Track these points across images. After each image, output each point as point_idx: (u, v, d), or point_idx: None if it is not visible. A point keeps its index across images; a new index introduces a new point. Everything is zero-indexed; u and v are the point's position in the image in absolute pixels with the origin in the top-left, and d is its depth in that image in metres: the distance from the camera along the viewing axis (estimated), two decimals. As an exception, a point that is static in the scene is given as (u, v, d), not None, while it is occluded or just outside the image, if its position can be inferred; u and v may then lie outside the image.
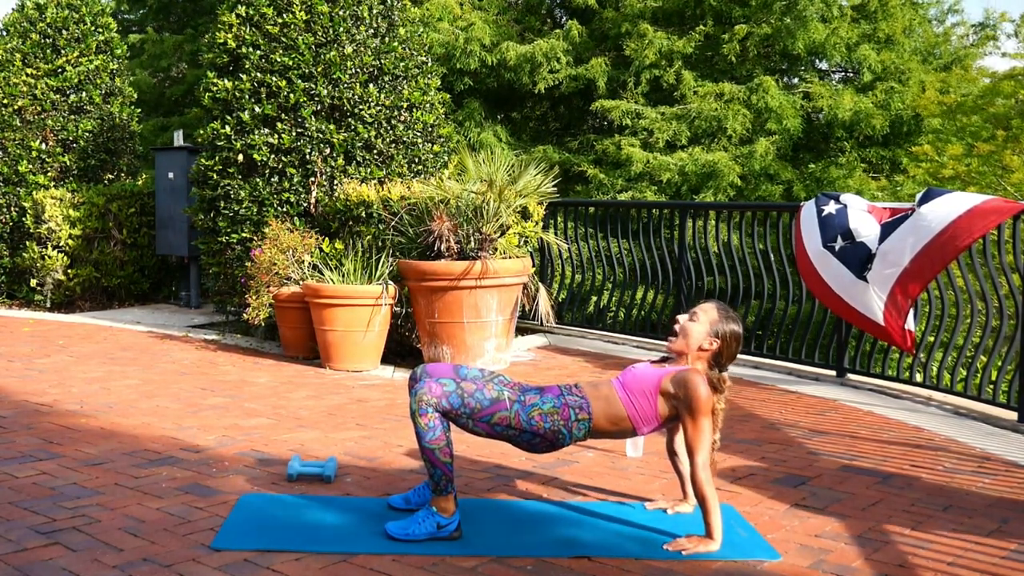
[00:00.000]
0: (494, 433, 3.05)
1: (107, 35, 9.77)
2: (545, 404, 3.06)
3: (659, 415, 3.09)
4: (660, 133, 12.28)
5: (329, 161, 6.91)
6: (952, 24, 15.23)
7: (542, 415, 3.04)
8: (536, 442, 3.07)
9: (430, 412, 2.97)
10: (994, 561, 2.95)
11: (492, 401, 3.03)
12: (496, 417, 3.02)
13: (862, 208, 5.19)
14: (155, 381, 5.61)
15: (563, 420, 3.05)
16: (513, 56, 12.63)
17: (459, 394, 3.01)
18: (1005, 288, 5.20)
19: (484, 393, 3.03)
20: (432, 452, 2.97)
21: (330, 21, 6.96)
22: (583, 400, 3.10)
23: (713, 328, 3.13)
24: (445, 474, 3.00)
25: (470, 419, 3.02)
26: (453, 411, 3.00)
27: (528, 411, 3.04)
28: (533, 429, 3.03)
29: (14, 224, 9.23)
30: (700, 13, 13.04)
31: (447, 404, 2.99)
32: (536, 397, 3.09)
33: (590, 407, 3.09)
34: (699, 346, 3.14)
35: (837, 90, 12.87)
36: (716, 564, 2.89)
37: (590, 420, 3.08)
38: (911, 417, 4.96)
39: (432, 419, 2.97)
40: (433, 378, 3.05)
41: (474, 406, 3.01)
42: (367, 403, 5.14)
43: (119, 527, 3.12)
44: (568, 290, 8.03)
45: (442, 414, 2.99)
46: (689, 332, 3.15)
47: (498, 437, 3.07)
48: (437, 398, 2.98)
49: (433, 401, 2.97)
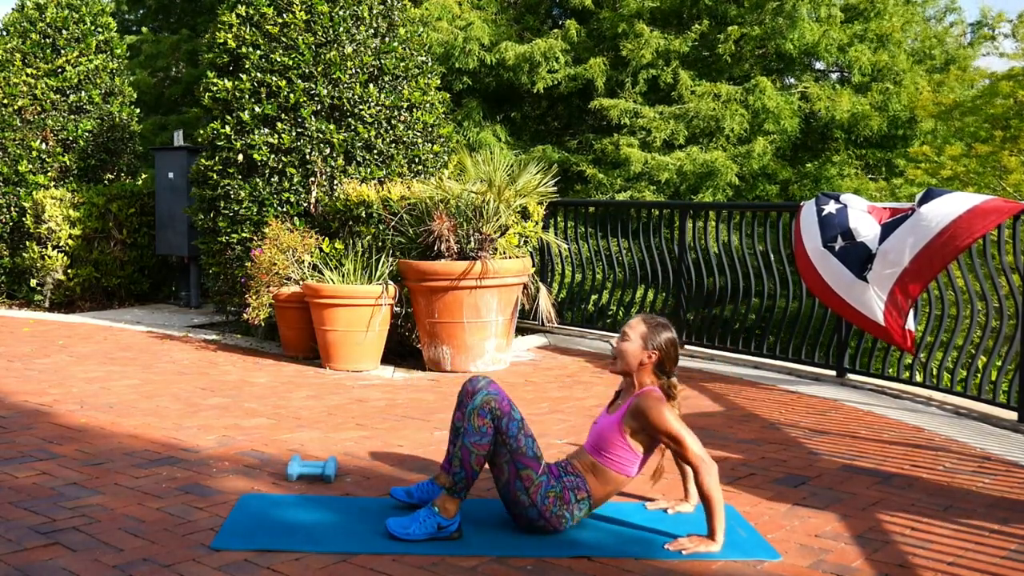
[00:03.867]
0: (510, 486, 3.04)
1: (107, 35, 9.77)
2: (552, 488, 3.07)
3: (637, 452, 3.13)
4: (658, 132, 12.29)
5: (329, 161, 6.91)
6: (949, 24, 15.25)
7: (555, 499, 3.06)
8: (540, 524, 3.07)
9: (488, 418, 2.99)
10: (994, 561, 2.95)
11: (535, 457, 3.05)
12: (526, 472, 3.03)
13: (862, 208, 5.19)
14: (155, 381, 5.61)
15: (565, 504, 3.07)
16: (512, 56, 12.64)
17: (519, 427, 3.03)
18: (1005, 288, 5.20)
19: (533, 446, 3.06)
20: (470, 454, 2.98)
21: (330, 21, 6.96)
22: (579, 479, 3.12)
23: (646, 342, 3.16)
24: (468, 479, 3.01)
25: (509, 454, 3.03)
26: (503, 435, 3.01)
27: (547, 489, 3.05)
28: (543, 508, 3.04)
29: (14, 224, 9.23)
30: (696, 13, 13.06)
31: (505, 425, 3.01)
32: (544, 480, 3.09)
33: (587, 484, 3.12)
34: (639, 362, 3.16)
35: (836, 91, 12.89)
36: (716, 564, 2.89)
37: (589, 497, 3.12)
38: (911, 417, 4.96)
39: (487, 424, 2.99)
40: (506, 398, 3.07)
41: (521, 447, 3.03)
42: (367, 403, 5.14)
43: (119, 527, 3.12)
44: (568, 290, 8.03)
45: (495, 430, 3.01)
46: (625, 352, 3.18)
47: (508, 492, 3.06)
48: (503, 413, 3.00)
49: (498, 412, 3.00)
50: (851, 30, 13.06)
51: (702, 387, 5.60)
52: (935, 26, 15.06)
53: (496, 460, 3.06)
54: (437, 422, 4.67)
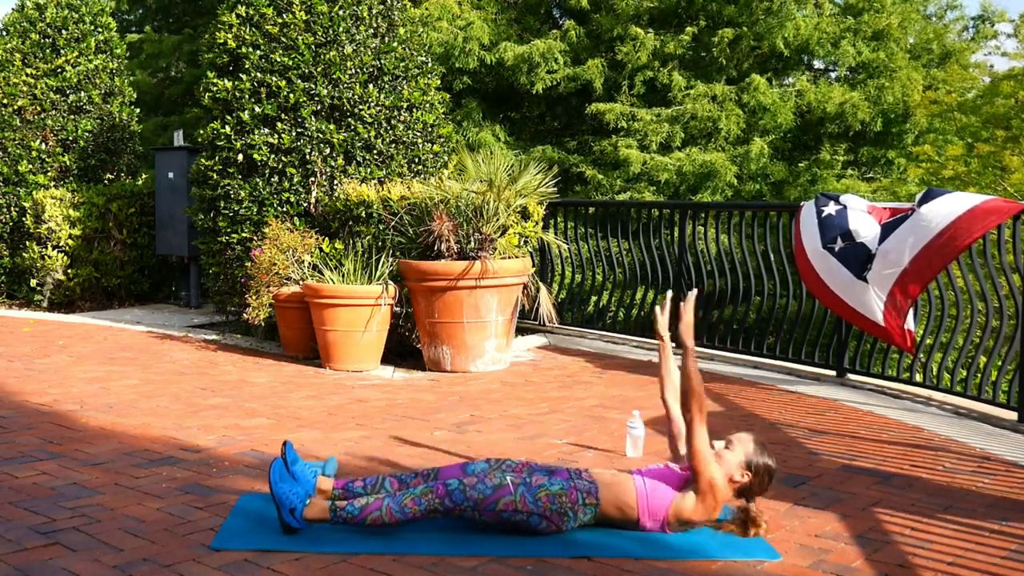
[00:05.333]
0: (502, 520, 3.04)
1: (107, 35, 9.77)
2: (553, 486, 3.05)
3: (661, 522, 3.08)
4: (654, 135, 12.30)
5: (329, 161, 6.91)
6: (950, 20, 15.24)
7: (549, 496, 3.03)
8: (543, 526, 3.05)
9: (419, 510, 3.01)
10: (994, 561, 2.95)
11: (495, 488, 3.03)
12: (501, 504, 3.01)
13: (862, 208, 5.19)
14: (155, 381, 5.61)
15: (570, 503, 3.06)
16: (511, 56, 12.64)
17: (461, 490, 3.02)
18: (1005, 288, 5.20)
19: (486, 483, 3.04)
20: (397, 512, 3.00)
21: (330, 21, 6.96)
22: (592, 485, 3.10)
23: (748, 459, 3.08)
24: (354, 521, 3.02)
25: (475, 511, 3.02)
26: (457, 508, 3.01)
27: (535, 492, 3.03)
28: (539, 511, 3.02)
29: (14, 224, 9.23)
30: (692, 14, 13.07)
31: (450, 503, 3.00)
32: (544, 479, 3.09)
33: (598, 492, 3.09)
34: (729, 477, 3.07)
35: (830, 86, 12.91)
36: (716, 564, 2.89)
37: (597, 505, 3.09)
38: (911, 417, 4.96)
39: (414, 514, 3.00)
40: (441, 480, 3.09)
41: (477, 497, 3.01)
42: (367, 403, 5.14)
43: (119, 527, 3.12)
44: (568, 290, 8.03)
45: (444, 514, 3.02)
46: (724, 459, 3.09)
47: (506, 524, 3.05)
48: (440, 498, 3.00)
49: (436, 503, 3.00)
50: (844, 24, 13.07)
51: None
52: (936, 23, 15.06)
53: (475, 520, 3.06)
54: (437, 422, 4.67)
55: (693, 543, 3.04)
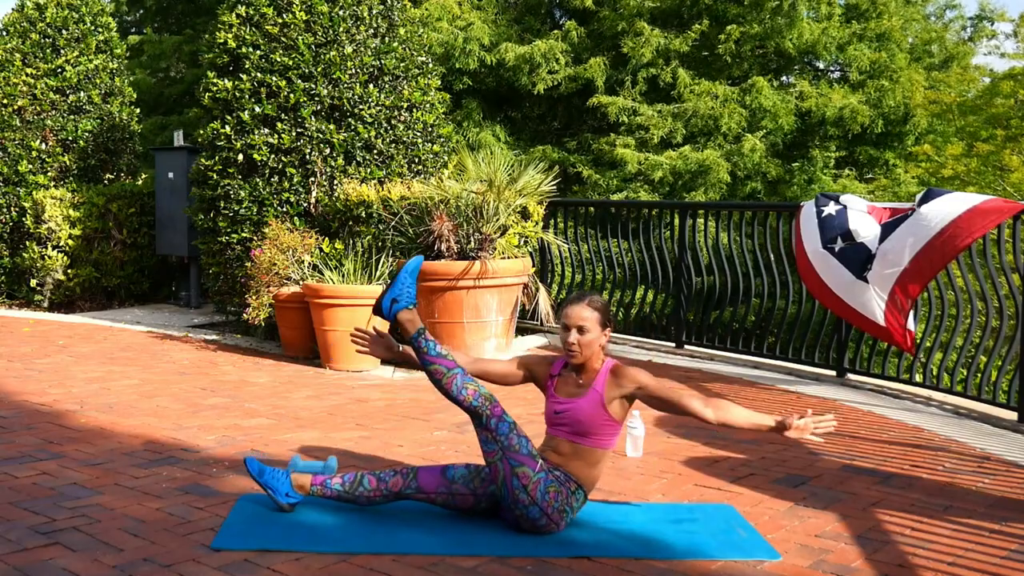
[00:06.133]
0: (507, 485, 3.03)
1: (107, 35, 9.77)
2: (552, 484, 3.07)
3: (618, 423, 3.17)
4: (656, 130, 12.30)
5: (329, 161, 6.91)
6: (949, 20, 15.26)
7: (555, 493, 3.06)
8: (542, 522, 3.05)
9: (477, 405, 3.05)
10: (994, 561, 2.95)
11: (530, 455, 3.05)
12: (522, 469, 3.02)
13: (862, 208, 5.19)
14: (155, 381, 5.61)
15: (564, 498, 3.08)
16: (512, 56, 12.64)
17: (510, 427, 3.05)
18: (1005, 288, 5.20)
19: (525, 444, 3.06)
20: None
21: (330, 21, 6.96)
22: (562, 473, 3.13)
23: (603, 325, 3.22)
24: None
25: (501, 451, 3.03)
26: (492, 431, 3.04)
27: (548, 485, 3.04)
28: (544, 505, 3.03)
29: (14, 224, 9.23)
30: (697, 12, 13.07)
31: (495, 425, 3.04)
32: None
33: (572, 473, 3.13)
34: (600, 345, 3.22)
35: (831, 88, 12.92)
36: (716, 564, 2.89)
37: (581, 485, 3.14)
38: (911, 417, 4.96)
39: (471, 404, 3.06)
40: (438, 465, 3.24)
41: (514, 443, 3.04)
42: (367, 403, 5.14)
43: (119, 527, 3.12)
44: (568, 290, 8.03)
45: (474, 411, 3.05)
46: (591, 343, 3.19)
47: (507, 492, 3.04)
48: (496, 417, 3.05)
49: (488, 413, 3.04)
50: (850, 29, 13.08)
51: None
52: (935, 23, 15.07)
53: (488, 457, 3.07)
54: (437, 422, 4.67)
55: (693, 543, 3.04)
